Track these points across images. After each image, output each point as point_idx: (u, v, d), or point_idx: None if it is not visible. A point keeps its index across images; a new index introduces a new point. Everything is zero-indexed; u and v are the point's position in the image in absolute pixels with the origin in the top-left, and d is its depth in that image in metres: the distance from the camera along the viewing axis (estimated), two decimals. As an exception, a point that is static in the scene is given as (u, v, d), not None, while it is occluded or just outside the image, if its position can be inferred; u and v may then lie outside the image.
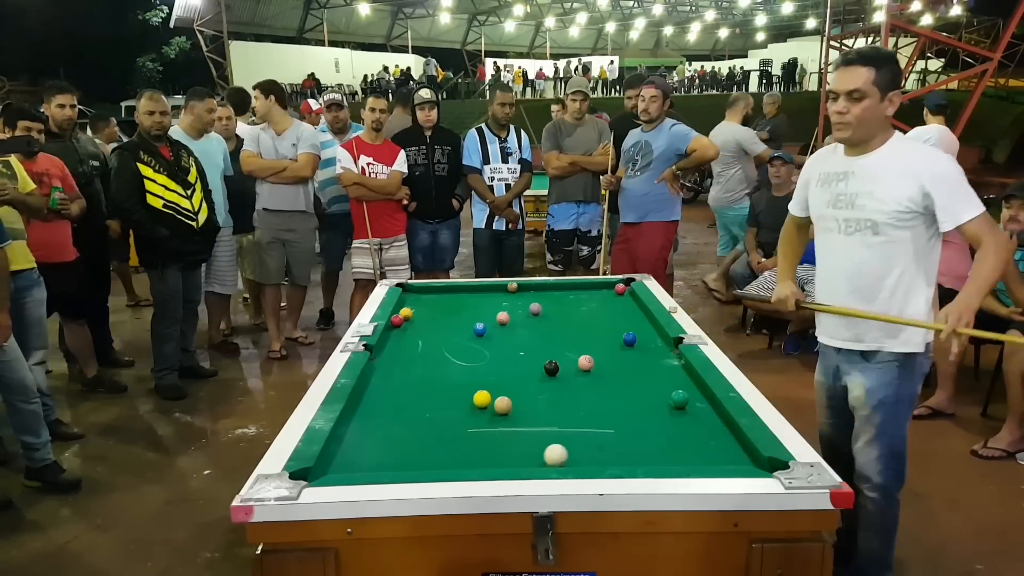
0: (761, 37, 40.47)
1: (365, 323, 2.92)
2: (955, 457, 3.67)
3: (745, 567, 1.62)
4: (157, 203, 4.33)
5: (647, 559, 1.65)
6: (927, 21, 21.17)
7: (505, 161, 5.14)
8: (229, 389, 4.82)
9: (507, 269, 5.26)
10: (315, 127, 5.59)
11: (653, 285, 3.50)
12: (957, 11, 20.88)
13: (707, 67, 36.46)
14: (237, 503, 1.58)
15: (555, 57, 37.04)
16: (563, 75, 32.42)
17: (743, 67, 34.61)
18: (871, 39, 20.06)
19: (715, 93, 31.73)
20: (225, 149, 5.20)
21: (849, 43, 17.55)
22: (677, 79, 32.44)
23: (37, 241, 3.79)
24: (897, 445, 2.37)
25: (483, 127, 5.23)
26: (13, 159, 3.77)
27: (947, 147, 5.33)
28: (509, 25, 39.83)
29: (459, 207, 5.33)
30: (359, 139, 5.02)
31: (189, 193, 4.46)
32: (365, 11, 33.70)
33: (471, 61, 38.39)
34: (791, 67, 30.86)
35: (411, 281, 3.89)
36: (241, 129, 5.62)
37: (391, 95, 11.31)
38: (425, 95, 5.14)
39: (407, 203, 5.11)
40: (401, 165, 4.99)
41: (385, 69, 32.43)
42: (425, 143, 5.10)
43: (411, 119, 5.26)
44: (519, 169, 5.19)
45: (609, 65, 33.96)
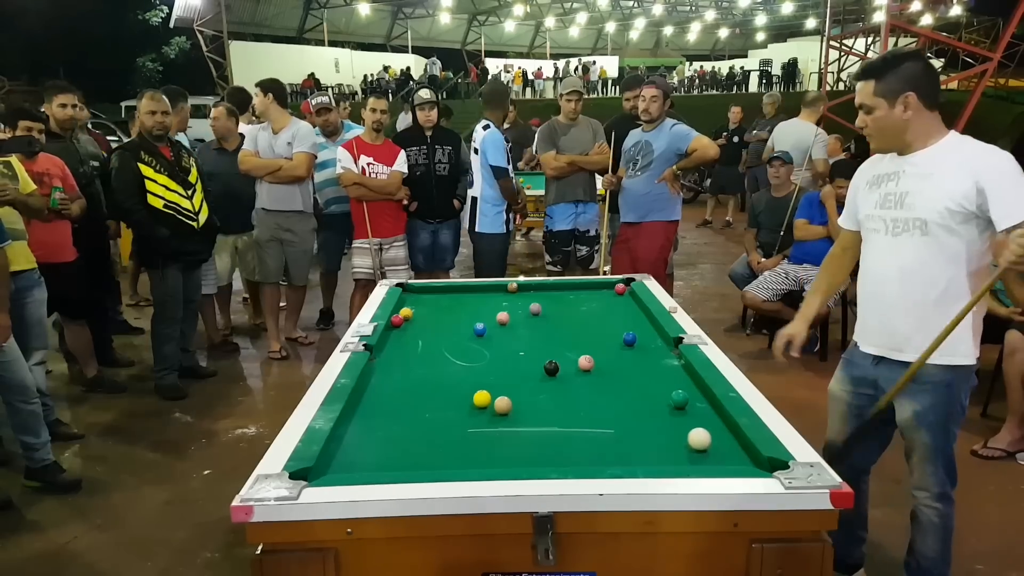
0: (761, 37, 40.46)
1: (365, 323, 2.92)
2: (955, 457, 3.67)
3: (745, 567, 1.62)
4: (158, 203, 4.33)
5: (647, 559, 1.64)
6: (927, 21, 21.18)
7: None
8: (229, 389, 4.82)
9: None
10: (315, 127, 5.60)
11: (653, 285, 3.50)
12: (957, 11, 20.88)
13: (707, 67, 36.45)
14: (237, 503, 1.58)
15: (555, 57, 37.05)
16: (562, 75, 32.45)
17: (743, 67, 34.60)
18: (871, 39, 20.08)
19: (715, 93, 31.73)
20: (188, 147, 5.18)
21: (849, 43, 17.57)
22: (677, 79, 32.45)
23: (37, 241, 3.79)
24: (950, 452, 2.32)
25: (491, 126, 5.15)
26: (14, 159, 3.78)
27: None
28: (509, 25, 39.84)
29: (460, 207, 5.33)
30: (359, 139, 5.02)
31: (190, 193, 4.46)
32: (365, 11, 33.70)
33: (471, 61, 38.39)
34: (791, 67, 30.86)
35: (411, 281, 3.88)
36: (240, 128, 5.62)
37: (391, 95, 11.33)
38: (425, 95, 5.12)
39: (407, 203, 5.11)
40: (401, 165, 4.99)
41: (385, 69, 32.44)
42: (426, 143, 5.10)
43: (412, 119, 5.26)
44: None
45: (594, 66, 33.84)
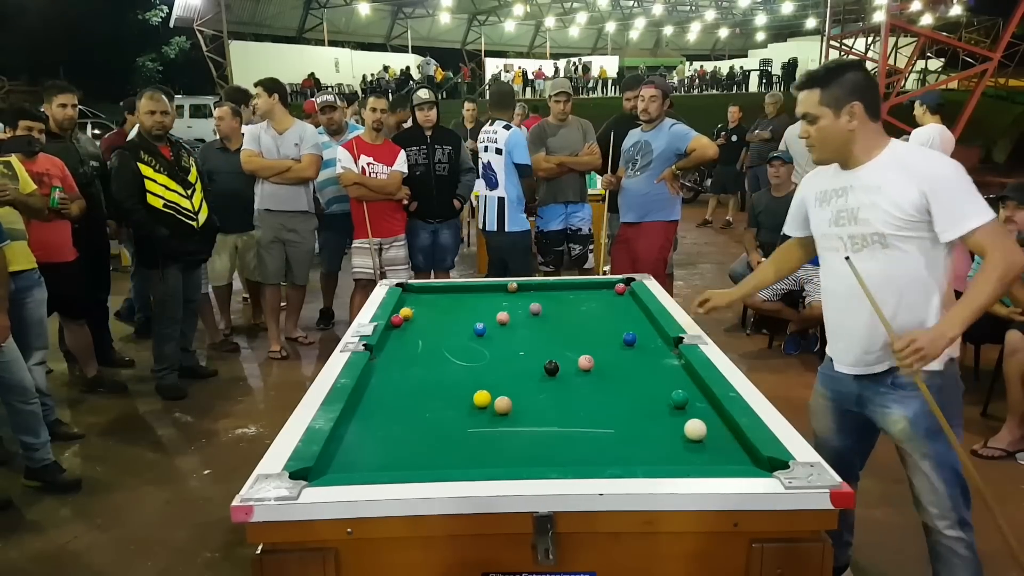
0: (761, 37, 40.46)
1: (365, 323, 2.92)
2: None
3: (745, 567, 1.62)
4: (157, 203, 4.33)
5: (647, 559, 1.65)
6: (927, 21, 21.17)
7: None
8: (229, 389, 4.82)
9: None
10: (318, 127, 5.60)
11: (653, 285, 3.50)
12: (957, 11, 20.87)
13: (707, 67, 36.46)
14: (237, 503, 1.58)
15: (555, 57, 37.05)
16: (562, 75, 32.47)
17: (743, 67, 34.61)
18: (871, 39, 20.07)
19: (715, 93, 31.73)
20: None
21: (849, 43, 17.56)
22: (677, 79, 32.45)
23: (37, 241, 3.79)
24: (957, 465, 2.18)
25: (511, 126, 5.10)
26: (14, 159, 3.78)
27: (945, 146, 5.34)
28: (509, 25, 39.82)
29: (460, 207, 5.32)
30: (359, 139, 5.02)
31: (189, 193, 4.46)
32: (365, 11, 33.68)
33: (471, 61, 38.39)
34: (791, 67, 30.85)
35: (411, 281, 3.88)
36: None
37: (391, 95, 11.36)
38: (423, 95, 5.12)
39: (407, 203, 5.11)
40: (401, 165, 4.99)
41: (385, 69, 32.44)
42: (426, 143, 5.10)
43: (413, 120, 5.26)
44: None
45: (553, 65, 33.76)
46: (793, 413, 2.06)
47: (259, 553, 1.61)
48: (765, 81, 31.35)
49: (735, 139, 10.22)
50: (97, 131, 15.11)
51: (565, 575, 1.64)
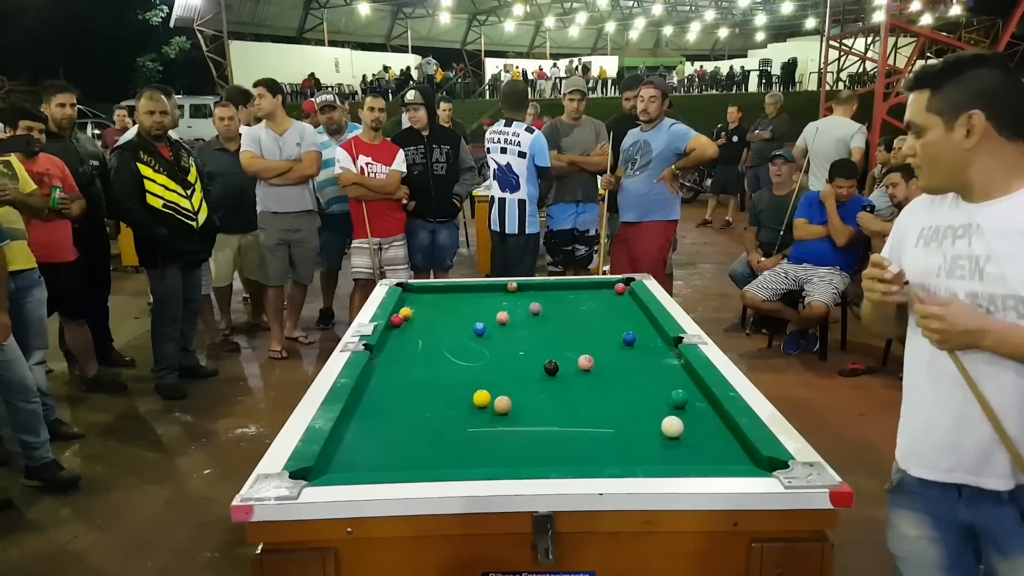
0: (761, 37, 40.46)
1: (365, 323, 2.92)
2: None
3: (745, 567, 1.62)
4: (157, 203, 4.33)
5: (647, 559, 1.65)
6: (927, 21, 21.17)
7: None
8: (229, 389, 4.82)
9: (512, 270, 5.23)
10: (316, 127, 5.59)
11: (653, 285, 3.50)
12: (957, 11, 20.87)
13: (707, 67, 36.46)
14: (237, 503, 1.58)
15: (555, 57, 37.05)
16: (563, 74, 32.45)
17: (743, 67, 34.62)
18: (870, 39, 20.07)
19: (715, 93, 31.74)
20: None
21: (848, 43, 17.55)
22: (676, 79, 32.45)
23: (37, 241, 3.79)
24: None
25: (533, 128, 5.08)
26: (14, 159, 3.78)
27: None
28: (509, 25, 39.80)
29: (459, 207, 5.31)
30: (358, 139, 5.02)
31: (189, 193, 4.46)
32: (365, 11, 33.68)
33: (471, 61, 38.39)
34: (791, 67, 30.87)
35: (411, 281, 3.89)
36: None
37: (390, 95, 11.33)
38: (409, 97, 5.15)
39: (407, 202, 5.11)
40: (400, 165, 4.99)
41: (385, 69, 32.44)
42: (423, 142, 5.10)
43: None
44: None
45: (553, 64, 33.69)
46: (793, 413, 2.06)
47: (259, 553, 1.61)
48: (765, 81, 31.35)
49: (735, 139, 10.22)
50: (97, 131, 15.12)
51: (565, 575, 1.64)
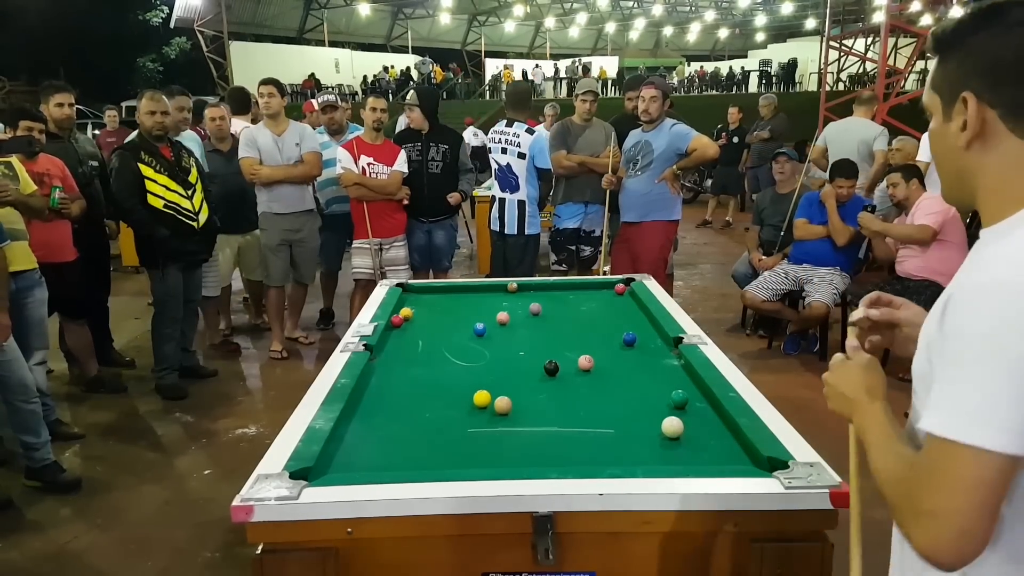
0: (761, 37, 40.46)
1: (365, 323, 2.92)
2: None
3: (745, 567, 1.62)
4: (158, 203, 4.33)
5: (647, 559, 1.64)
6: (927, 21, 21.17)
7: None
8: (229, 389, 4.82)
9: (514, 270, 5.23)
10: (315, 128, 5.59)
11: (653, 285, 3.50)
12: (957, 11, 20.88)
13: (707, 67, 36.46)
14: (237, 503, 1.58)
15: (555, 57, 37.05)
16: (564, 75, 32.47)
17: (743, 67, 34.62)
18: (871, 39, 20.07)
19: (715, 93, 31.74)
20: (202, 148, 5.14)
21: (848, 43, 17.55)
22: (677, 79, 32.45)
23: (37, 241, 3.79)
24: None
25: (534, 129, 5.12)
26: (15, 160, 3.78)
27: None
28: (509, 25, 39.81)
29: (457, 202, 5.29)
30: (359, 139, 5.02)
31: (190, 193, 4.46)
32: (365, 11, 33.68)
33: (471, 61, 38.39)
34: (791, 67, 30.86)
35: (411, 281, 3.89)
36: (236, 128, 5.56)
37: (391, 95, 11.32)
38: (407, 97, 5.28)
39: (407, 203, 5.11)
40: (401, 165, 4.99)
41: (385, 69, 32.45)
42: (420, 140, 5.10)
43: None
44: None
45: (554, 66, 33.74)
46: (793, 413, 2.06)
47: (259, 553, 1.61)
48: (765, 82, 31.34)
49: (736, 140, 10.23)
50: (97, 131, 15.10)
51: (565, 575, 1.64)
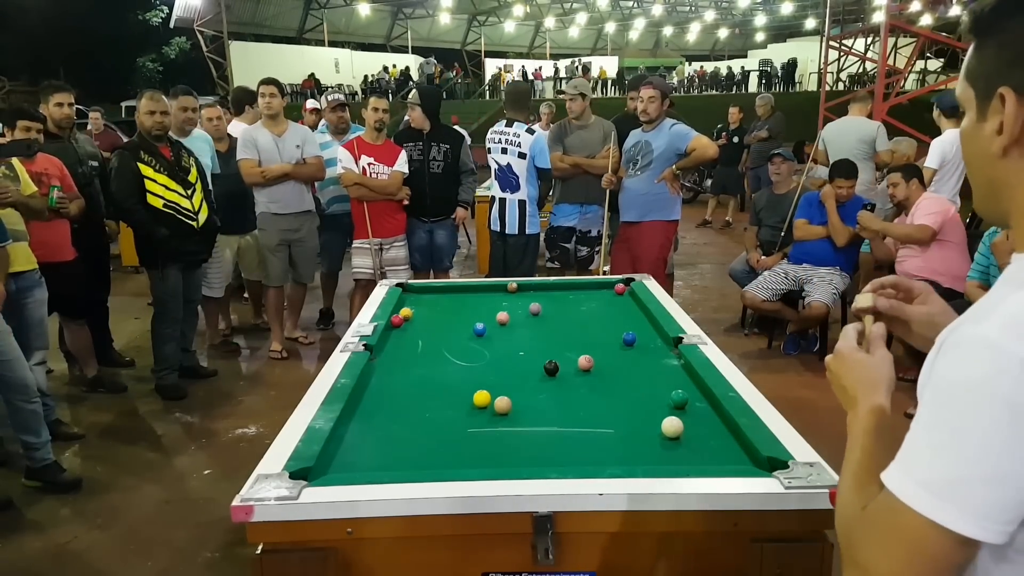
0: (761, 37, 40.46)
1: (365, 323, 2.92)
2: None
3: (745, 567, 1.62)
4: (157, 203, 4.33)
5: (647, 559, 1.64)
6: (927, 21, 21.17)
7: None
8: (229, 389, 4.82)
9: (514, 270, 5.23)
10: (315, 128, 5.60)
11: (653, 285, 3.50)
12: (957, 11, 20.87)
13: (707, 67, 36.46)
14: (237, 503, 1.58)
15: (555, 57, 37.06)
16: (563, 75, 32.47)
17: (743, 67, 34.62)
18: (870, 39, 20.07)
19: (715, 93, 31.73)
20: (212, 148, 5.14)
21: (848, 43, 17.55)
22: (676, 79, 32.45)
23: (35, 240, 3.80)
24: None
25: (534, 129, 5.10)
26: (15, 161, 3.78)
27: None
28: (509, 25, 39.80)
29: (464, 214, 5.29)
30: (360, 139, 5.02)
31: (189, 193, 4.46)
32: (365, 11, 33.67)
33: (471, 61, 38.39)
34: (791, 67, 30.86)
35: (411, 281, 3.89)
36: (234, 128, 5.54)
37: (391, 95, 11.32)
38: (409, 97, 5.32)
39: (408, 203, 5.10)
40: (402, 165, 4.99)
41: (385, 69, 32.45)
42: (421, 140, 5.10)
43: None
44: None
45: (554, 65, 33.66)
46: (793, 413, 2.06)
47: (259, 553, 1.61)
48: (765, 82, 31.33)
49: (736, 140, 10.22)
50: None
51: (565, 575, 1.64)
